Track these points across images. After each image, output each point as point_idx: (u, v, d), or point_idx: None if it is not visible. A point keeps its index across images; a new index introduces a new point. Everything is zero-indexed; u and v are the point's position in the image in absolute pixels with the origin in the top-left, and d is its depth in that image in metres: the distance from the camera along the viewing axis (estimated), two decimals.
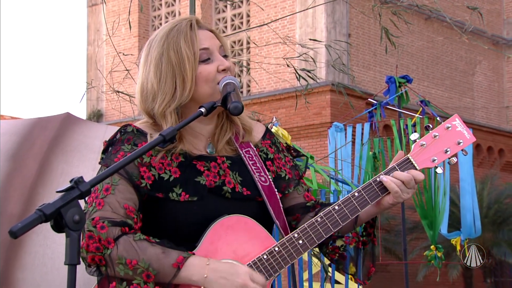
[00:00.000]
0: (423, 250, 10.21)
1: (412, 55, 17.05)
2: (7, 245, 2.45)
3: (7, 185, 2.60)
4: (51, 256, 2.45)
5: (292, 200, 1.85)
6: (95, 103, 18.47)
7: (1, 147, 2.75)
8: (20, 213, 2.49)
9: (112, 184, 1.65)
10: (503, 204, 15.33)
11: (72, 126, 2.92)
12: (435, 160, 1.75)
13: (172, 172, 1.70)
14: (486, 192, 15.04)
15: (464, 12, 15.50)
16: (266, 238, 1.69)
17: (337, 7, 15.37)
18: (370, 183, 1.73)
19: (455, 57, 18.50)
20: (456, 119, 1.79)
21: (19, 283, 2.42)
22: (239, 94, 1.71)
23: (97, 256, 1.60)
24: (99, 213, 1.62)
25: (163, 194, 1.68)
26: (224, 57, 1.79)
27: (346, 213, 1.71)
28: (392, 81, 7.89)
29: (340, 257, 1.82)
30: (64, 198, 1.39)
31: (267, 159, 1.83)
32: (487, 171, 17.00)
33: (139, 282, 1.58)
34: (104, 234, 1.59)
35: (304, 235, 1.69)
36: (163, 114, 1.72)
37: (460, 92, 18.56)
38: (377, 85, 15.05)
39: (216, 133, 1.79)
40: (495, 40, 19.43)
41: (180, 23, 1.76)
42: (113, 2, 17.75)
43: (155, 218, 1.70)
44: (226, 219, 1.68)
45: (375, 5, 4.97)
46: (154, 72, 1.73)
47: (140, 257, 1.59)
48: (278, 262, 1.67)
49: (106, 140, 1.77)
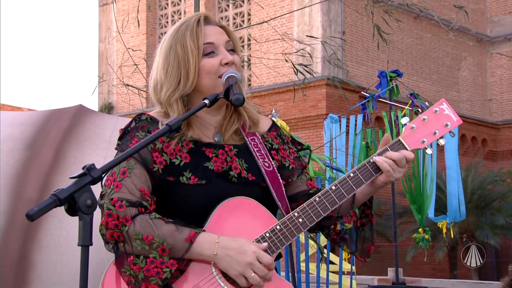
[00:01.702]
0: (411, 233, 10.23)
1: (402, 51, 17.00)
2: (26, 228, 2.45)
3: (24, 172, 2.60)
4: (66, 238, 2.45)
5: (296, 188, 1.84)
6: (106, 96, 18.44)
7: (19, 136, 2.75)
8: (37, 198, 2.49)
9: (128, 168, 1.67)
10: (485, 190, 15.35)
11: (84, 117, 2.91)
12: (424, 141, 1.74)
13: (183, 157, 1.71)
14: (470, 179, 15.06)
15: (451, 11, 15.44)
16: (268, 218, 1.69)
17: (332, 6, 15.33)
18: (364, 164, 1.73)
19: (442, 53, 18.45)
20: (444, 103, 1.76)
21: (37, 263, 2.42)
22: (240, 87, 1.71)
23: (116, 233, 1.61)
24: (117, 194, 1.63)
25: (174, 178, 1.69)
26: (231, 51, 1.78)
27: (342, 192, 1.70)
28: (383, 75, 7.87)
29: (341, 239, 1.83)
30: (77, 184, 1.40)
31: (272, 149, 1.83)
32: (471, 160, 17.00)
33: (155, 256, 1.59)
34: (123, 212, 1.61)
35: (304, 213, 1.68)
36: (169, 103, 1.74)
37: (447, 86, 18.52)
38: (369, 79, 15.02)
39: (224, 123, 1.79)
40: (479, 37, 19.38)
41: (189, 20, 1.78)
42: (122, 2, 17.68)
43: (167, 200, 1.71)
44: (231, 201, 1.68)
45: (368, 4, 4.94)
46: (162, 64, 1.76)
47: (156, 233, 1.59)
48: (280, 240, 1.66)
49: (122, 128, 1.78)
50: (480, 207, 15.12)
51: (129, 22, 5.86)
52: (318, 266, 4.68)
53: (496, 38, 19.74)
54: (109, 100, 18.50)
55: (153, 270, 1.59)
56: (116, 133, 2.77)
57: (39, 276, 2.41)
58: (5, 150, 2.67)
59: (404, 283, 7.07)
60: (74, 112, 2.90)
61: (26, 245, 2.45)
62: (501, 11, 20.22)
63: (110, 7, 18.62)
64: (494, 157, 19.55)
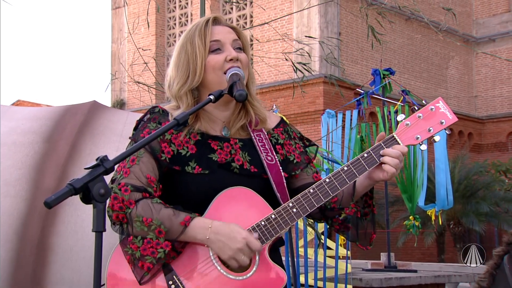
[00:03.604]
0: (402, 220, 10.24)
1: (394, 51, 16.94)
2: (44, 215, 2.46)
3: (43, 163, 2.60)
4: (81, 225, 2.45)
5: (302, 181, 1.82)
6: (119, 93, 18.42)
7: (38, 130, 2.74)
8: (54, 187, 2.49)
9: (137, 156, 1.68)
10: (471, 180, 15.34)
11: (98, 112, 2.90)
12: (418, 137, 1.69)
13: (189, 148, 1.71)
14: (457, 170, 15.04)
15: (440, 13, 15.38)
16: (265, 207, 1.68)
17: (329, 8, 15.27)
18: (358, 159, 1.69)
19: (431, 52, 18.39)
20: (440, 102, 1.70)
21: (55, 247, 2.43)
22: (243, 84, 1.70)
23: (120, 215, 1.62)
24: (125, 179, 1.65)
25: (180, 167, 1.69)
26: (239, 49, 1.77)
27: (335, 184, 1.68)
28: (377, 73, 7.85)
29: (345, 228, 1.80)
30: (91, 174, 1.40)
31: (277, 144, 1.81)
32: (458, 152, 16.97)
33: (152, 237, 1.61)
34: (127, 196, 1.62)
35: (298, 204, 1.66)
36: (179, 95, 1.76)
37: (436, 83, 18.48)
38: (364, 77, 14.98)
39: (231, 119, 1.79)
40: (466, 38, 19.32)
41: (200, 21, 1.79)
42: (133, 5, 17.64)
43: (172, 188, 1.71)
44: (230, 190, 1.67)
45: (362, 6, 4.92)
46: (175, 61, 1.79)
47: (154, 216, 1.61)
48: (274, 228, 1.65)
49: (137, 120, 1.80)
50: (466, 196, 15.12)
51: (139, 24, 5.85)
52: (315, 251, 4.68)
53: (481, 39, 19.69)
54: (121, 97, 18.48)
55: (149, 249, 1.60)
56: (127, 127, 2.78)
57: (57, 259, 2.41)
58: (26, 142, 2.67)
59: (396, 266, 7.07)
60: (88, 108, 2.90)
61: (45, 231, 2.45)
62: (486, 14, 20.16)
63: (122, 10, 18.59)
64: (479, 150, 19.52)
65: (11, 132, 2.72)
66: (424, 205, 7.55)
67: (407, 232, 7.79)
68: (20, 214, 2.47)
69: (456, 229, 15.50)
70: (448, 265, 9.43)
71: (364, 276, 5.75)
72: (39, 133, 2.72)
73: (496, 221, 15.10)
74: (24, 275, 2.37)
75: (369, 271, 6.65)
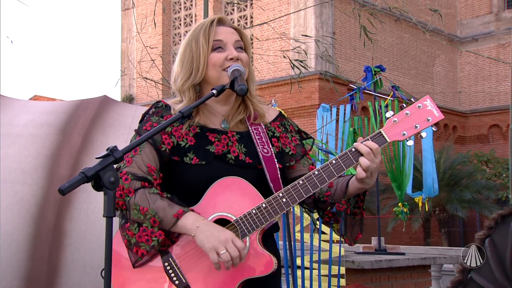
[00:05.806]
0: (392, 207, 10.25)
1: (385, 49, 16.90)
2: (59, 201, 2.45)
3: (58, 154, 2.60)
4: (93, 210, 2.45)
5: (298, 172, 1.79)
6: (128, 89, 18.39)
7: (53, 123, 2.74)
8: (68, 175, 2.49)
9: (140, 147, 1.68)
10: (455, 170, 15.38)
11: (108, 106, 2.89)
12: (405, 134, 1.65)
13: (189, 140, 1.70)
14: (443, 160, 15.07)
15: (427, 15, 15.32)
16: (256, 196, 1.66)
17: (324, 9, 15.22)
18: (346, 153, 1.65)
19: (419, 51, 18.34)
20: (427, 100, 1.66)
21: (69, 232, 2.43)
22: (244, 79, 1.70)
23: (121, 202, 1.63)
24: (127, 168, 1.66)
25: (179, 158, 1.69)
26: (240, 49, 1.76)
27: (324, 177, 1.64)
28: (369, 70, 7.82)
29: (335, 221, 1.79)
30: (102, 163, 1.39)
31: (273, 136, 1.79)
32: (444, 144, 16.99)
33: (147, 225, 1.61)
34: (127, 184, 1.63)
35: (287, 194, 1.64)
36: (182, 90, 1.75)
37: (423, 80, 18.45)
38: (356, 74, 14.94)
39: (231, 113, 1.77)
40: (451, 38, 19.28)
41: (205, 21, 1.78)
42: (142, 7, 17.57)
43: (172, 177, 1.71)
44: (224, 180, 1.66)
45: (355, 7, 4.89)
46: (180, 58, 1.78)
47: (150, 206, 1.61)
48: (264, 216, 1.63)
49: (143, 113, 1.80)
50: (450, 184, 15.15)
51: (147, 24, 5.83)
52: (311, 236, 4.68)
53: (465, 39, 19.66)
54: (130, 92, 18.45)
55: (144, 237, 1.61)
56: (135, 120, 2.76)
57: (71, 242, 2.42)
58: (42, 134, 2.67)
59: (385, 250, 7.08)
60: (99, 102, 2.89)
61: (60, 216, 2.45)
62: (470, 15, 20.11)
63: (131, 11, 18.52)
64: (462, 142, 19.54)
65: (28, 125, 2.71)
66: (412, 193, 7.55)
67: (396, 218, 7.80)
68: (37, 200, 2.47)
69: (441, 215, 15.54)
70: (433, 248, 9.46)
71: (356, 258, 5.76)
72: (54, 125, 2.71)
73: (478, 207, 15.15)
74: (41, 256, 2.38)
75: (361, 254, 6.66)
